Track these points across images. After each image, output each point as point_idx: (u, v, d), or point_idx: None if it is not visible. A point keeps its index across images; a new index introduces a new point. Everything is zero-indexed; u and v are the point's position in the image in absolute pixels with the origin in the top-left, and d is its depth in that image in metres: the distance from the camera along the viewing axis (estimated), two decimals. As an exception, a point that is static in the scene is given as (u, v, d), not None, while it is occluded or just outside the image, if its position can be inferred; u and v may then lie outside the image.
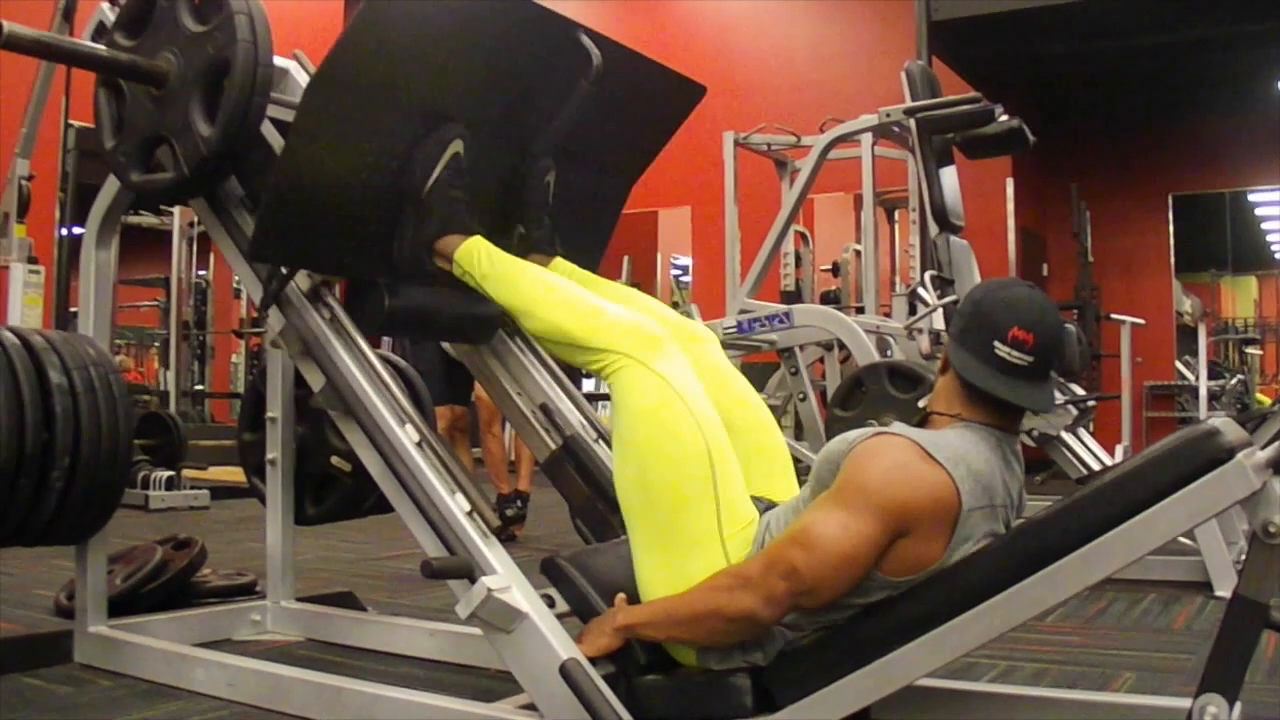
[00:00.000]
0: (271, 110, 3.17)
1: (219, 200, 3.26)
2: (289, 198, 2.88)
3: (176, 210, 12.62)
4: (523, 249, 3.20)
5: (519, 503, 7.36)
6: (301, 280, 3.09)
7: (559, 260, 3.26)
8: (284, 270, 3.06)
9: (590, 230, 3.70)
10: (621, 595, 2.66)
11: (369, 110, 2.92)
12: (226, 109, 2.97)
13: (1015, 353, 2.43)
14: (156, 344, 15.72)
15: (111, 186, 3.60)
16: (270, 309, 3.12)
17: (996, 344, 2.44)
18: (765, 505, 2.73)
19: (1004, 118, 5.93)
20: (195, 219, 12.17)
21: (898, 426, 2.49)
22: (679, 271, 14.60)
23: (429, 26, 2.94)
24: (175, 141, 3.07)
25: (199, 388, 13.80)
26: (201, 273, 14.00)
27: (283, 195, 2.87)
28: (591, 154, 3.55)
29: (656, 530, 2.61)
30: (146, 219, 13.09)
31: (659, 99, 3.66)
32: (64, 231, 8.43)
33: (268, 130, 3.21)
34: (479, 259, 2.98)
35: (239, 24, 2.96)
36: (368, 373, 2.98)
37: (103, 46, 3.20)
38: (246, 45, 2.95)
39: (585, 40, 3.20)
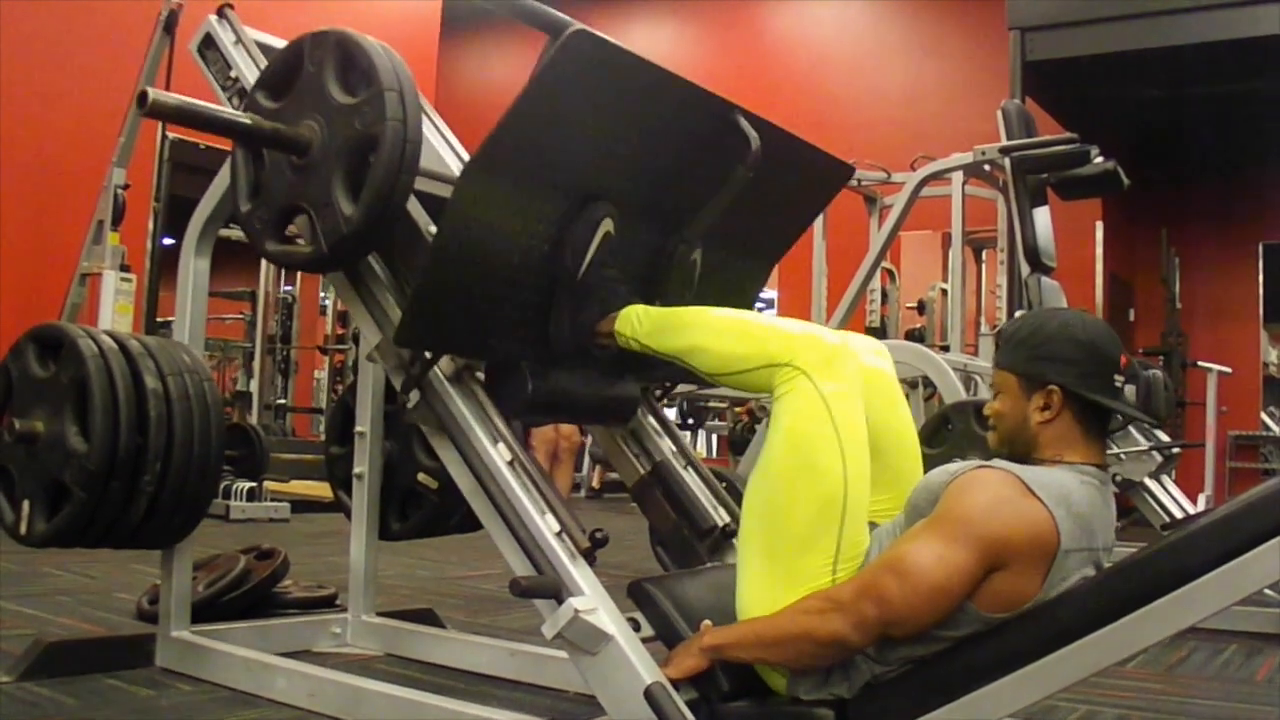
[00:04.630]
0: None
1: (359, 276, 3.12)
2: (439, 284, 2.79)
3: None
4: None
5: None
6: (445, 364, 2.98)
7: None
8: (428, 354, 2.95)
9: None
10: (707, 622, 2.63)
11: (523, 193, 2.83)
12: (372, 187, 2.80)
13: (1120, 376, 2.45)
14: (238, 357, 15.77)
15: (213, 197, 3.62)
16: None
17: (1116, 377, 2.46)
18: (874, 527, 2.69)
19: (1099, 159, 5.90)
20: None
21: (1000, 461, 2.47)
22: (762, 305, 14.57)
23: (589, 106, 2.81)
24: (315, 215, 2.91)
25: (281, 402, 13.86)
26: (288, 288, 14.07)
27: (433, 282, 2.78)
28: (738, 234, 3.42)
29: (771, 555, 2.57)
30: (235, 233, 13.02)
31: (808, 180, 3.55)
32: (155, 243, 8.48)
33: (413, 207, 3.09)
34: (637, 320, 2.94)
35: (389, 101, 2.80)
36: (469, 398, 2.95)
37: (246, 115, 3.03)
38: (396, 125, 2.79)
39: (743, 124, 3.04)
